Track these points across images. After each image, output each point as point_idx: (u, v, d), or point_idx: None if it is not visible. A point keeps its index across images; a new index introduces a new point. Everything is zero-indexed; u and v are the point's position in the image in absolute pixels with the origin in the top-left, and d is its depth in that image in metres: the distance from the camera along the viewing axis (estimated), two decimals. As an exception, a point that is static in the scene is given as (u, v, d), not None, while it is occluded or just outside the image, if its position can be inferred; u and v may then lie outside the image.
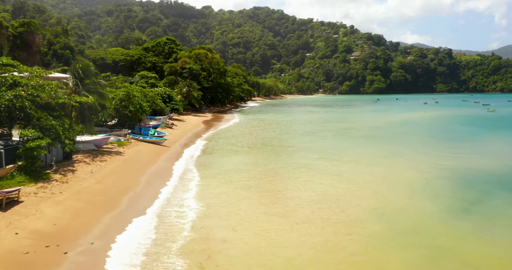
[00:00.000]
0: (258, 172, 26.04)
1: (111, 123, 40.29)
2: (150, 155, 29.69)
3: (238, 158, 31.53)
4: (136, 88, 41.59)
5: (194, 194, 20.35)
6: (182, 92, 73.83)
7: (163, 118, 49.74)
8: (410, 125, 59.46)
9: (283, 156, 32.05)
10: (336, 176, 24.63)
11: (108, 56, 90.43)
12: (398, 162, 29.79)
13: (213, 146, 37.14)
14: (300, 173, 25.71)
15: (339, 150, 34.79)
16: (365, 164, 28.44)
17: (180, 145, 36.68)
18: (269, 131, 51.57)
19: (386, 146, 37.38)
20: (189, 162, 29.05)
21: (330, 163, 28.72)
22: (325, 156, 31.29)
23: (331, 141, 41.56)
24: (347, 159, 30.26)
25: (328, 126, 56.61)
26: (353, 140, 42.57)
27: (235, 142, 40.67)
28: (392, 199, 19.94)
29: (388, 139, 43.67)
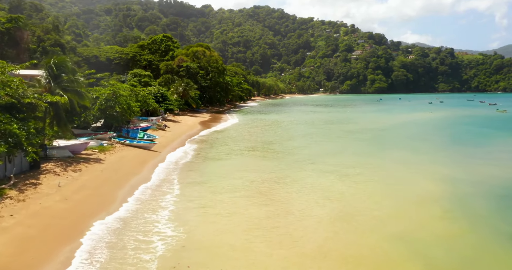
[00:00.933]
0: (257, 185, 22.48)
1: (97, 126, 36.80)
2: (135, 163, 26.12)
3: (234, 165, 28.00)
4: (125, 87, 38.01)
5: (172, 214, 16.80)
6: (178, 92, 70.29)
7: (155, 119, 46.18)
8: (419, 126, 55.83)
9: (284, 164, 28.44)
10: (348, 191, 21.02)
11: (102, 54, 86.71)
12: (417, 172, 26.07)
13: (207, 151, 33.52)
14: (304, 185, 22.13)
15: (347, 158, 30.99)
16: (380, 176, 24.76)
17: (172, 149, 33.11)
18: (269, 133, 47.97)
19: (398, 153, 33.55)
20: (177, 170, 25.46)
21: (338, 175, 24.97)
22: (332, 166, 27.40)
23: (336, 147, 37.37)
24: (357, 170, 26.31)
25: (332, 128, 52.90)
26: (360, 145, 38.45)
27: (232, 146, 37.12)
28: (422, 222, 16.35)
29: (399, 143, 39.78)
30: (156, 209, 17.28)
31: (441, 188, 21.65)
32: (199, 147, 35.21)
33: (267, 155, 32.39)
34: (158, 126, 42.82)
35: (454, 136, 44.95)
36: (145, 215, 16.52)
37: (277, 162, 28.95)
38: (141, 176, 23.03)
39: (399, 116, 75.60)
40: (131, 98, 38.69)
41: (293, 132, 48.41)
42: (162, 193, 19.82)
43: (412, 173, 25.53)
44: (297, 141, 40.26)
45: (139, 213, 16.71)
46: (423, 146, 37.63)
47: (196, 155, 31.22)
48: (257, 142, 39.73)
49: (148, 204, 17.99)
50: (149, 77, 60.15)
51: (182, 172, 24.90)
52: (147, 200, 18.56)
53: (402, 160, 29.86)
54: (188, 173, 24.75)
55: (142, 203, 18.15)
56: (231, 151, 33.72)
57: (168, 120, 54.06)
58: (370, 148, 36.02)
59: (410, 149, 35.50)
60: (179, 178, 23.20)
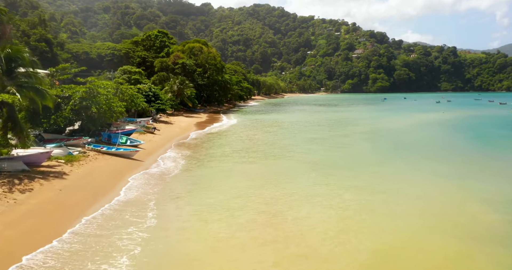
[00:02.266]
0: (259, 207, 17.59)
1: (74, 129, 31.92)
2: (107, 177, 21.22)
3: (230, 179, 23.09)
4: (108, 84, 33.11)
5: (144, 255, 11.91)
6: (172, 90, 65.38)
7: (143, 120, 41.24)
8: (437, 129, 50.55)
9: (289, 176, 23.48)
10: (377, 222, 16.12)
11: (93, 50, 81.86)
12: (455, 190, 21.00)
13: (200, 160, 28.46)
14: (318, 213, 17.19)
15: (367, 169, 25.93)
16: (415, 197, 19.69)
17: (158, 157, 28.20)
18: (270, 135, 42.83)
19: (428, 163, 28.13)
20: (159, 186, 20.50)
21: (361, 193, 20.06)
22: (350, 180, 22.55)
23: (351, 154, 31.75)
24: (384, 187, 21.24)
25: (341, 130, 47.74)
26: (380, 151, 33.01)
27: (229, 151, 32.14)
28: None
29: (422, 149, 34.27)
30: (110, 254, 12.27)
31: (495, 217, 16.71)
32: (191, 155, 30.23)
33: (268, 164, 27.45)
34: (146, 129, 37.86)
35: (481, 141, 39.71)
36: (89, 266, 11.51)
37: (281, 174, 23.99)
38: (110, 197, 18.09)
39: (410, 116, 70.49)
40: (114, 97, 33.76)
41: (298, 136, 43.32)
42: (129, 224, 14.87)
43: (456, 192, 20.51)
44: (303, 146, 35.19)
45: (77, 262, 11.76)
46: (452, 154, 32.50)
47: (186, 165, 26.26)
48: (257, 147, 34.77)
49: (101, 243, 13.00)
50: (140, 74, 55.23)
51: (165, 190, 19.95)
52: (104, 236, 13.60)
53: (438, 173, 24.70)
54: (172, 191, 19.84)
55: (96, 241, 13.19)
56: (227, 160, 28.78)
57: (160, 122, 49.17)
58: (393, 156, 30.88)
59: (441, 158, 30.24)
60: (158, 199, 18.24)
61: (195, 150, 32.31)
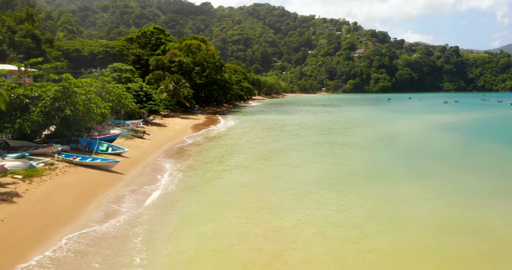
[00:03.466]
0: (260, 242, 13.26)
1: (48, 134, 27.59)
2: (75, 199, 16.82)
3: (226, 199, 18.76)
4: (86, 82, 28.74)
5: None
6: (168, 90, 61.04)
7: (133, 123, 36.82)
8: (455, 132, 45.69)
9: (292, 195, 19.06)
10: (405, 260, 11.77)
11: (85, 47, 77.52)
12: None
13: (192, 173, 23.99)
14: (332, 246, 12.87)
15: (388, 185, 21.22)
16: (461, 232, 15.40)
17: (144, 169, 23.82)
18: (271, 141, 38.27)
19: (458, 177, 23.78)
20: (138, 213, 16.14)
21: (385, 218, 15.75)
22: (368, 201, 18.06)
23: (367, 166, 26.01)
24: (416, 212, 16.78)
25: (351, 136, 42.78)
26: (398, 162, 27.78)
27: (226, 159, 27.77)
28: None
29: (449, 159, 28.96)
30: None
31: None
32: (183, 165, 25.83)
33: (274, 183, 23.07)
34: (134, 133, 33.44)
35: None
36: None
37: (283, 192, 19.61)
38: (72, 228, 13.72)
39: (422, 118, 65.87)
40: (97, 97, 29.37)
41: (303, 140, 38.85)
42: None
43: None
44: (308, 154, 30.56)
45: None
46: (485, 164, 27.99)
47: (177, 181, 21.89)
48: (258, 154, 30.35)
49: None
50: (132, 72, 50.81)
51: (145, 220, 15.58)
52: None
53: (483, 192, 20.37)
54: (155, 221, 15.49)
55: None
56: (225, 175, 24.28)
57: (153, 124, 44.80)
58: (417, 169, 26.32)
59: (476, 170, 25.81)
60: (146, 233, 13.91)
61: (189, 160, 27.88)
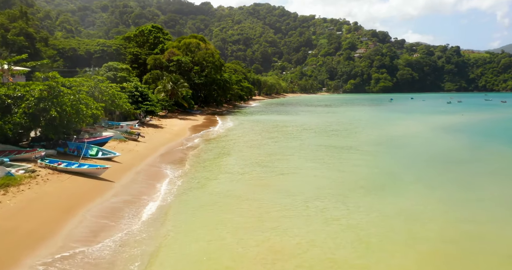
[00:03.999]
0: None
1: (37, 137, 25.70)
2: (55, 213, 14.86)
3: (227, 218, 16.90)
4: (74, 81, 26.85)
5: None
6: (166, 89, 59.18)
7: (127, 125, 34.89)
8: (466, 134, 43.58)
9: (297, 214, 16.99)
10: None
11: (82, 46, 75.67)
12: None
13: (189, 182, 22.00)
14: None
15: (408, 199, 19.10)
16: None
17: (137, 176, 21.90)
18: (272, 144, 36.21)
19: (481, 184, 21.98)
20: (122, 234, 14.22)
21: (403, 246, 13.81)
22: (385, 220, 16.13)
23: (376, 173, 23.75)
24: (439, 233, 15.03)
25: (357, 137, 40.83)
26: (410, 169, 25.03)
27: (226, 173, 25.34)
28: None
29: (466, 165, 27.00)
30: None
31: None
32: (179, 172, 23.88)
33: (269, 185, 21.15)
34: (128, 135, 31.51)
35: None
36: None
37: (284, 204, 17.69)
38: (45, 253, 11.80)
39: (428, 119, 63.79)
40: (88, 98, 27.48)
41: (307, 144, 36.84)
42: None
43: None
44: (311, 160, 28.37)
45: None
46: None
47: (172, 189, 20.00)
48: (258, 160, 28.41)
49: None
50: (128, 71, 48.92)
51: (140, 240, 13.68)
52: None
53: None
54: (151, 238, 13.60)
55: None
56: (222, 179, 22.43)
57: (149, 125, 42.90)
58: (429, 172, 24.50)
59: (498, 176, 23.90)
60: (131, 258, 11.99)
61: (186, 165, 25.96)
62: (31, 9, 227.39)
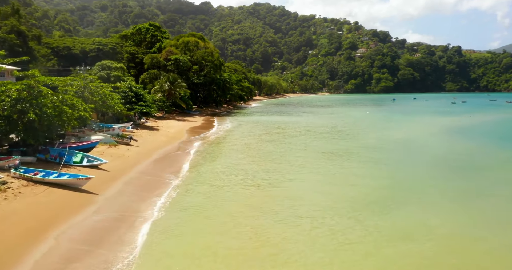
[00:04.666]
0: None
1: (15, 141, 23.30)
2: (20, 236, 12.48)
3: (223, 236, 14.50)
4: (57, 80, 24.44)
5: None
6: (163, 90, 56.82)
7: (119, 127, 32.45)
8: (484, 136, 41.22)
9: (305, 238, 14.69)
10: None
11: (77, 45, 73.14)
12: None
13: (182, 197, 19.34)
14: None
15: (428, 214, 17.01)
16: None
17: (126, 187, 19.47)
18: (273, 149, 33.47)
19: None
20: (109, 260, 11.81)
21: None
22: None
23: (400, 187, 20.66)
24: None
25: (366, 140, 37.99)
26: (437, 181, 22.01)
27: (219, 179, 23.19)
28: None
29: (500, 173, 24.34)
30: None
31: None
32: (173, 182, 21.51)
33: (269, 200, 18.74)
34: (120, 139, 29.07)
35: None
36: None
37: (287, 224, 15.37)
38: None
39: (437, 120, 61.25)
40: (75, 99, 25.10)
41: (307, 147, 34.36)
42: None
43: None
44: (317, 168, 25.61)
45: None
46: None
47: (166, 203, 17.61)
48: (257, 168, 26.00)
49: None
50: (122, 70, 46.51)
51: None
52: None
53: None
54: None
55: None
56: (218, 192, 19.97)
57: (144, 128, 40.48)
58: (453, 182, 21.93)
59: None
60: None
61: (181, 172, 23.56)
62: (29, 8, 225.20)
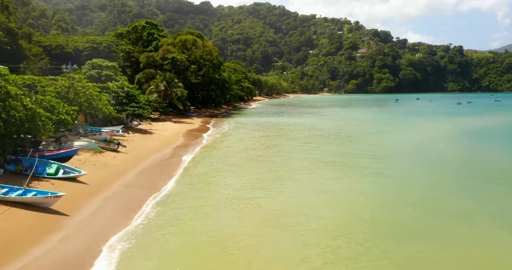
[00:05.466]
0: None
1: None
2: None
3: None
4: (31, 78, 21.56)
5: None
6: (158, 90, 53.95)
7: (107, 132, 29.53)
8: (504, 140, 38.58)
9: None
10: None
11: (70, 43, 70.33)
12: None
13: (173, 219, 16.48)
14: None
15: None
16: None
17: (106, 204, 16.59)
18: (275, 155, 30.28)
19: None
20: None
21: None
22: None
23: (430, 203, 17.74)
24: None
25: (378, 145, 34.91)
26: (472, 195, 19.14)
27: (213, 195, 20.37)
28: None
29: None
30: None
31: None
32: (162, 197, 18.62)
33: (271, 222, 15.83)
34: (106, 145, 26.15)
35: None
36: None
37: (292, 255, 12.53)
38: None
39: (447, 122, 58.12)
40: (57, 100, 22.26)
41: (312, 152, 31.36)
42: None
43: None
44: (327, 180, 22.63)
45: None
46: None
47: (151, 227, 14.73)
48: (257, 179, 23.05)
49: None
50: (115, 69, 43.59)
51: None
52: None
53: None
54: None
55: None
56: (213, 211, 17.19)
57: (137, 131, 37.58)
58: (492, 195, 19.12)
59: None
60: None
61: (169, 184, 20.66)
62: (26, 7, 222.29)
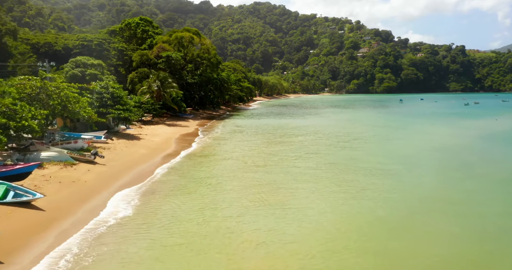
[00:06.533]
0: None
1: None
2: None
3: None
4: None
5: None
6: (151, 90, 50.10)
7: (84, 139, 25.61)
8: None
9: None
10: None
11: (59, 41, 66.55)
12: None
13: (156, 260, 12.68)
14: None
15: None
16: None
17: (57, 241, 12.75)
18: (275, 164, 26.37)
19: None
20: None
21: None
22: None
23: (468, 231, 14.37)
24: None
25: (393, 152, 31.16)
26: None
27: (203, 220, 16.45)
28: None
29: None
30: None
31: None
32: (140, 229, 14.74)
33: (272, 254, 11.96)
34: (80, 156, 22.22)
35: None
36: None
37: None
38: None
39: (461, 124, 53.86)
40: (19, 102, 18.39)
41: (319, 161, 27.49)
42: None
43: None
44: (339, 199, 18.91)
45: None
46: None
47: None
48: (256, 198, 19.15)
49: None
50: (101, 67, 39.69)
51: None
52: None
53: None
54: None
55: None
56: (201, 243, 13.33)
57: (123, 136, 33.68)
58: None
59: None
60: None
61: (150, 206, 16.76)
62: (23, 6, 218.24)
